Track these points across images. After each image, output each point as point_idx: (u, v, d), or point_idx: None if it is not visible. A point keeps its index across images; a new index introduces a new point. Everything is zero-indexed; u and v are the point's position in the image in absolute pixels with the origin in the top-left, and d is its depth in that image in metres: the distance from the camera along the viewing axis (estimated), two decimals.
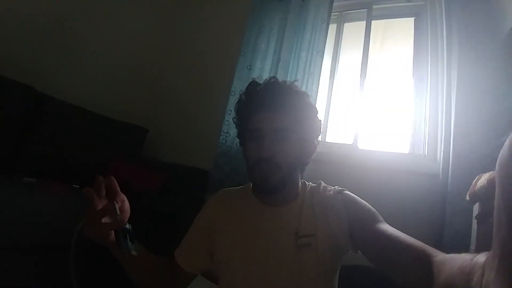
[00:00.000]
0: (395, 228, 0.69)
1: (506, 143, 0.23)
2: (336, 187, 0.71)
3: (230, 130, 1.69)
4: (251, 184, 0.76)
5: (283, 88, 0.68)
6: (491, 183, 0.80)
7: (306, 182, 0.76)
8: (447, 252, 1.19)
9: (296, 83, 0.72)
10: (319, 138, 0.76)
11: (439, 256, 0.43)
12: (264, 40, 1.76)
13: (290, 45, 1.67)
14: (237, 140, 1.64)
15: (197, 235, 0.75)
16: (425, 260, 0.44)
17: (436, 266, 0.42)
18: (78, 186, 1.18)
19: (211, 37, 2.13)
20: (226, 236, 0.71)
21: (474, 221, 0.91)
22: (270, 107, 0.66)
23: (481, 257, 0.30)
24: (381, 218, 0.61)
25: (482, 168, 0.99)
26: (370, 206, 0.65)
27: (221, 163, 1.65)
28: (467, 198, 0.90)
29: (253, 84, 0.72)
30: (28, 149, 1.37)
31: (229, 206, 0.75)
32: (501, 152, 0.24)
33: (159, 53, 2.22)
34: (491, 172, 0.85)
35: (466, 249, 1.01)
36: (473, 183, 0.91)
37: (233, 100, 1.73)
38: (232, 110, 1.70)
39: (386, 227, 0.57)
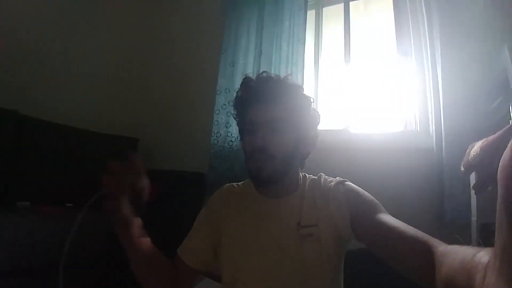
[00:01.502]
0: (397, 205, 0.71)
1: (509, 146, 0.23)
2: (337, 178, 0.71)
3: (220, 130, 1.67)
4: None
5: (275, 81, 0.70)
6: (484, 150, 0.79)
7: (306, 174, 0.76)
8: (450, 225, 1.19)
9: (289, 77, 0.73)
10: (317, 128, 0.76)
11: (441, 247, 0.44)
12: (244, 34, 1.73)
13: (270, 37, 1.65)
14: (228, 139, 1.65)
15: (200, 230, 0.74)
16: (427, 252, 0.45)
17: (437, 257, 0.42)
18: (71, 205, 1.16)
19: (191, 38, 2.09)
20: (229, 230, 0.71)
21: (473, 192, 0.90)
22: (263, 99, 0.68)
23: (484, 256, 0.30)
24: (383, 208, 0.61)
25: (475, 136, 0.97)
26: (372, 197, 0.65)
27: (215, 164, 1.63)
28: (462, 169, 0.89)
29: (246, 80, 0.73)
30: (18, 173, 1.35)
31: (231, 200, 0.75)
32: (504, 155, 0.23)
33: (140, 61, 2.18)
34: (483, 140, 0.84)
35: (468, 221, 1.01)
36: (467, 152, 0.89)
37: (219, 99, 1.71)
38: (220, 109, 1.71)
39: (387, 218, 0.57)
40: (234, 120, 1.64)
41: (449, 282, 0.37)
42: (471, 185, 0.92)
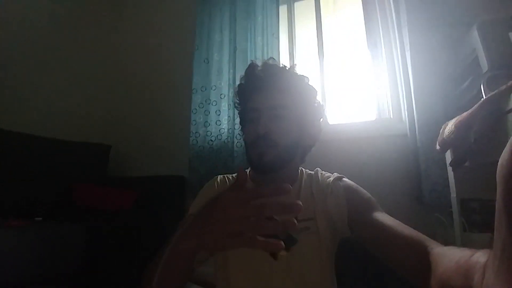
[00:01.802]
0: (377, 190, 0.72)
1: (508, 145, 0.23)
2: (335, 174, 0.72)
3: (199, 129, 1.62)
4: (248, 170, 0.75)
5: (280, 69, 0.69)
6: (458, 126, 0.83)
7: (303, 169, 0.76)
8: (430, 205, 1.22)
9: (295, 67, 0.72)
10: (322, 120, 0.75)
11: (437, 248, 0.44)
12: (216, 29, 1.69)
13: (244, 32, 1.63)
14: (208, 138, 1.60)
15: None
16: (423, 252, 0.45)
17: (433, 258, 0.42)
18: (40, 219, 1.06)
19: (163, 36, 2.01)
20: None
21: (450, 169, 0.94)
22: (268, 87, 0.67)
23: (482, 257, 0.30)
24: (379, 207, 0.62)
25: (446, 117, 1.03)
26: (369, 195, 0.66)
27: (196, 165, 1.57)
28: (437, 147, 0.93)
29: (252, 66, 0.72)
30: None
31: None
32: (503, 152, 0.23)
33: (110, 62, 2.06)
34: (457, 117, 0.88)
35: (446, 200, 1.05)
36: (441, 131, 0.94)
37: (196, 98, 1.65)
38: (197, 108, 1.65)
39: (384, 216, 0.58)
40: (213, 119, 1.62)
41: (445, 282, 0.37)
42: (448, 162, 0.96)
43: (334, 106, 1.67)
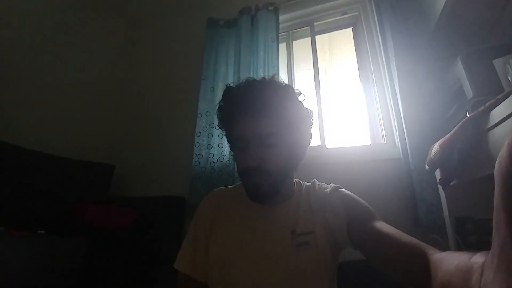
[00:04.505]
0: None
1: (505, 144, 0.23)
2: (331, 184, 0.72)
3: (202, 151, 1.68)
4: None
5: (263, 88, 0.63)
6: (443, 146, 0.89)
7: (300, 181, 0.76)
8: (426, 226, 1.25)
9: (275, 77, 0.68)
10: (311, 136, 0.73)
11: (436, 253, 0.44)
12: (222, 63, 1.85)
13: (247, 65, 1.77)
14: (210, 160, 1.65)
15: (196, 239, 0.70)
16: (422, 258, 0.45)
17: (433, 263, 0.42)
18: (43, 232, 1.07)
19: (172, 64, 2.17)
20: (220, 237, 0.68)
21: (440, 188, 0.98)
22: (252, 111, 0.61)
23: (480, 257, 0.31)
24: (377, 216, 0.62)
25: (435, 141, 1.11)
26: (366, 204, 0.65)
27: (197, 185, 1.61)
28: (426, 167, 0.99)
29: (229, 89, 0.67)
30: None
31: (222, 206, 0.73)
32: (501, 151, 0.24)
33: (117, 84, 2.18)
34: (442, 138, 0.95)
35: (442, 219, 1.08)
36: (429, 152, 1.00)
37: (200, 122, 1.74)
38: (201, 131, 1.73)
39: (382, 225, 0.58)
40: (216, 141, 1.69)
41: (446, 286, 0.37)
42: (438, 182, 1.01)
43: (331, 133, 1.76)
